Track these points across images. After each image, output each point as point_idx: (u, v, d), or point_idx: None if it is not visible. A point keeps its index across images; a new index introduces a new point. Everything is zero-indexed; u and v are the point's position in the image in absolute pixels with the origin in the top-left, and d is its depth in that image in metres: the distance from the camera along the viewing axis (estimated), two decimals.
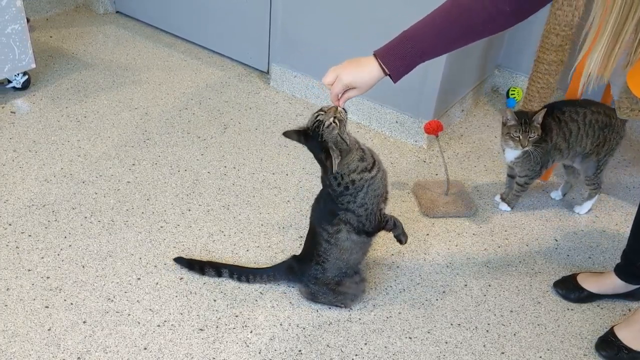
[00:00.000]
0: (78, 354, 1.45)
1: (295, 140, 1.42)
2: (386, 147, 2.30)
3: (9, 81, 2.38)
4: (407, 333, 1.58)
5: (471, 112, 2.55)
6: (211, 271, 1.66)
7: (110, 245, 1.76)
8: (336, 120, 1.34)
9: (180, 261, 1.69)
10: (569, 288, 1.72)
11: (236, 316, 1.58)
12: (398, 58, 1.28)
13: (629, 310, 1.69)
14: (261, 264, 1.73)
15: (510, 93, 2.60)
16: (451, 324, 1.62)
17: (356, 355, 1.51)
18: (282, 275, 1.65)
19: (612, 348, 1.55)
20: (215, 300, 1.62)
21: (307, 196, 2.01)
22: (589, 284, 1.70)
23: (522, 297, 1.72)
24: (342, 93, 1.37)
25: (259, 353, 1.49)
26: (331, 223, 1.47)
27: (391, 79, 1.31)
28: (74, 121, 2.28)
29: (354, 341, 1.54)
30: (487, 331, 1.61)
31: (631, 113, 1.41)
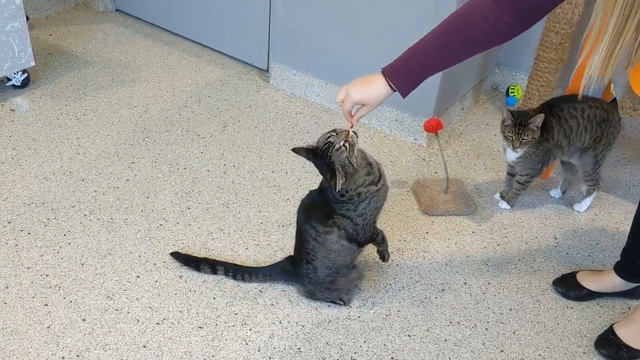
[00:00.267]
0: (77, 352, 1.45)
1: (303, 156, 1.44)
2: (386, 146, 2.30)
3: (9, 79, 2.38)
4: (406, 331, 1.58)
5: (471, 111, 2.55)
6: (206, 268, 1.66)
7: (109, 243, 1.76)
8: (346, 143, 1.37)
9: (176, 256, 1.70)
10: (569, 286, 1.72)
11: (235, 314, 1.58)
12: (404, 74, 1.32)
13: (629, 308, 1.69)
14: (260, 262, 1.73)
15: (510, 91, 2.60)
16: (450, 322, 1.62)
17: (355, 353, 1.51)
18: (278, 275, 1.65)
19: (612, 346, 1.55)
20: (214, 298, 1.62)
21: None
22: (589, 282, 1.70)
23: (522, 295, 1.72)
24: (355, 111, 1.42)
25: (258, 351, 1.49)
26: (323, 224, 1.48)
27: (400, 94, 1.35)
28: (74, 119, 2.28)
29: (353, 339, 1.54)
30: (487, 329, 1.61)
31: (633, 113, 1.42)
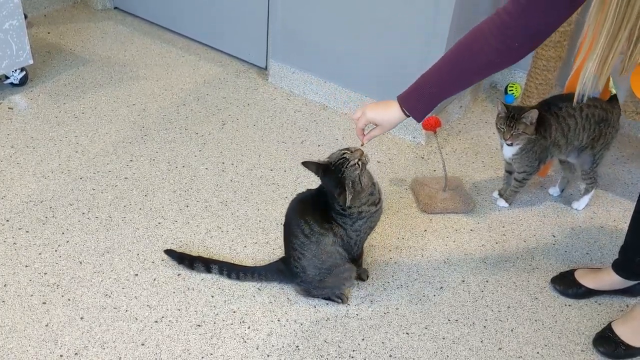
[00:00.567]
0: (75, 350, 1.45)
1: (312, 171, 1.49)
2: (384, 144, 2.30)
3: (7, 77, 2.37)
4: (405, 329, 1.58)
5: (469, 109, 2.55)
6: (200, 266, 1.66)
7: (107, 241, 1.76)
8: (360, 162, 1.43)
9: (170, 254, 1.69)
10: (567, 284, 1.72)
11: (234, 312, 1.58)
12: (416, 101, 1.41)
13: (627, 306, 1.69)
14: (259, 260, 1.73)
15: (508, 89, 2.60)
16: (448, 320, 1.62)
17: (354, 350, 1.51)
18: (273, 275, 1.65)
19: (610, 344, 1.55)
20: (212, 296, 1.62)
21: None
22: (587, 280, 1.70)
23: (520, 293, 1.72)
24: (368, 131, 1.53)
25: (257, 349, 1.49)
26: (321, 225, 1.48)
27: (414, 119, 1.44)
28: (72, 117, 2.28)
29: (352, 337, 1.54)
30: (485, 327, 1.61)
31: (636, 116, 1.43)
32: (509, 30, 1.26)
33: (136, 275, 1.66)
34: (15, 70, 2.35)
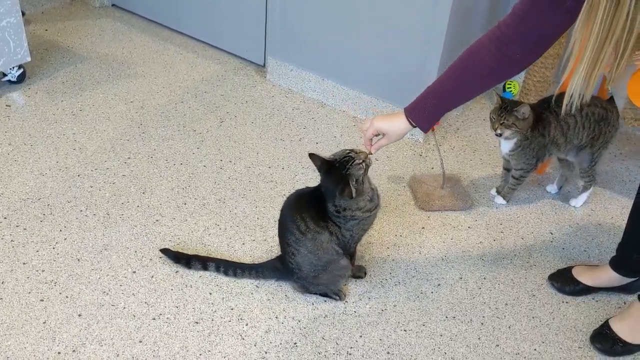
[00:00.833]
0: (73, 347, 1.45)
1: (316, 165, 1.49)
2: None
3: (4, 74, 2.37)
4: (402, 326, 1.58)
5: (467, 106, 2.55)
6: (197, 264, 1.66)
7: (105, 238, 1.76)
8: (364, 164, 1.45)
9: (166, 253, 1.69)
10: (564, 281, 1.72)
11: (232, 309, 1.58)
12: (422, 111, 1.46)
13: (624, 303, 1.70)
14: (257, 258, 1.73)
15: (506, 87, 2.60)
16: (446, 317, 1.62)
17: (351, 347, 1.51)
18: (270, 273, 1.65)
19: (607, 341, 1.55)
20: (210, 293, 1.62)
21: None
22: (584, 277, 1.70)
23: (517, 290, 1.72)
24: (376, 141, 1.56)
25: (255, 346, 1.49)
26: (317, 223, 1.48)
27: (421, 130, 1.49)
28: (70, 115, 2.28)
29: (349, 334, 1.55)
30: (482, 324, 1.61)
31: (635, 122, 1.44)
32: (508, 39, 1.32)
33: (134, 272, 1.66)
34: (12, 67, 2.35)
